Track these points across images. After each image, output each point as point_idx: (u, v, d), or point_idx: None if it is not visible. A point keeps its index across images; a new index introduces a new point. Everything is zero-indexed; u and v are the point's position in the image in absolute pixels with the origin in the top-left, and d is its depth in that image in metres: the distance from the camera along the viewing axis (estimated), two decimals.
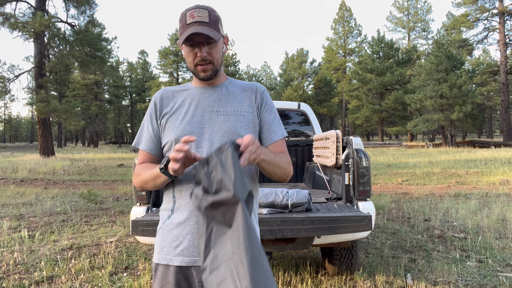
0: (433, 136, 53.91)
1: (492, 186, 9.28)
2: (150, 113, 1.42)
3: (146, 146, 1.40)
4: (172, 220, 1.33)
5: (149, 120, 1.42)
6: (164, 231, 1.35)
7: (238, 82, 1.48)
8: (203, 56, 1.31)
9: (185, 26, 1.30)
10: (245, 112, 1.39)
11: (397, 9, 51.17)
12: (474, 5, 35.45)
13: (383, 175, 12.00)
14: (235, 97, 1.41)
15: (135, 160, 3.01)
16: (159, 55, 47.16)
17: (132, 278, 3.46)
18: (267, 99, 1.46)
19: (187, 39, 1.28)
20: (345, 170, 3.08)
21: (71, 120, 22.20)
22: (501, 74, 33.98)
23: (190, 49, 1.32)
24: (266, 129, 1.43)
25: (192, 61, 1.33)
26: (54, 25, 21.04)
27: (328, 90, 46.89)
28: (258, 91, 1.45)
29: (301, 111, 5.17)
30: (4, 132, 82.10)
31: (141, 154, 1.42)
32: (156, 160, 1.40)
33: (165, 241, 1.33)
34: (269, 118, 1.44)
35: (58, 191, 9.46)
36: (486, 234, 4.87)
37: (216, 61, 1.35)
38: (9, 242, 4.69)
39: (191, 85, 1.44)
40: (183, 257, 1.30)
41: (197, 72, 1.35)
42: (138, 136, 1.43)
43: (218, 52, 1.35)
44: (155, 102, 1.42)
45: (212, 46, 1.32)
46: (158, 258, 1.34)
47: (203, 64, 1.33)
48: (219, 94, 1.40)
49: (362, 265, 3.75)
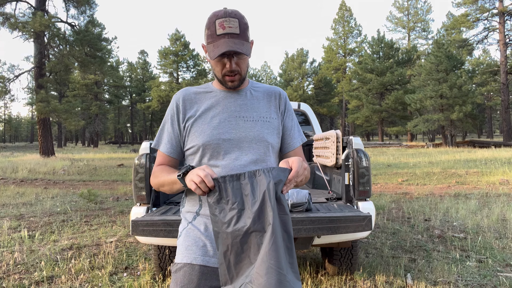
0: (433, 136, 53.93)
1: (492, 186, 9.28)
2: (172, 115, 1.40)
3: (166, 148, 1.40)
4: (198, 222, 1.34)
5: (170, 122, 1.40)
6: (189, 231, 1.34)
7: (260, 86, 1.49)
8: (233, 68, 1.30)
9: (215, 37, 1.28)
10: (270, 118, 1.40)
11: (397, 9, 51.20)
12: (474, 5, 35.47)
13: (383, 175, 11.99)
14: (259, 102, 1.41)
15: (135, 160, 3.01)
16: (159, 55, 47.18)
17: (132, 278, 3.46)
18: (289, 105, 1.48)
19: (221, 55, 1.27)
20: (345, 170, 3.08)
21: (71, 120, 22.20)
22: (501, 74, 33.98)
23: (219, 59, 1.31)
24: (287, 135, 1.45)
25: (220, 70, 1.33)
26: (54, 25, 21.04)
27: (328, 90, 46.91)
28: (281, 97, 1.47)
29: (301, 111, 5.17)
30: (4, 132, 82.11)
31: (160, 155, 1.42)
32: (174, 162, 1.41)
33: (189, 240, 1.32)
34: (291, 124, 1.47)
35: (58, 191, 9.46)
36: (486, 234, 4.87)
37: (243, 72, 1.35)
38: (9, 242, 4.69)
39: (213, 87, 1.43)
40: (209, 257, 1.29)
41: (224, 82, 1.35)
42: (158, 137, 1.42)
43: (245, 63, 1.35)
44: (177, 104, 1.40)
45: (241, 57, 1.31)
46: (181, 257, 1.31)
47: (231, 75, 1.33)
48: (243, 99, 1.40)
49: (362, 265, 3.75)
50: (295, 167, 1.15)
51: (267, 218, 1.05)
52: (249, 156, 1.33)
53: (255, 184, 1.09)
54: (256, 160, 1.34)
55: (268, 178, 1.08)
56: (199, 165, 1.34)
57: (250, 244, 1.07)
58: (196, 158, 1.36)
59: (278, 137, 1.42)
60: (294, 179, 1.14)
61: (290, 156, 1.45)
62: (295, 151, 1.46)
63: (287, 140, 1.45)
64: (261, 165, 1.34)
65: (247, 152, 1.32)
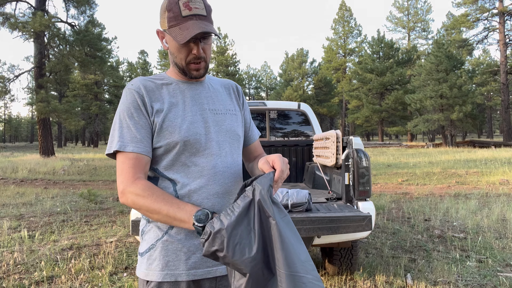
0: (433, 136, 53.90)
1: (492, 186, 9.28)
2: (135, 107, 1.16)
3: (138, 147, 1.14)
4: (176, 231, 1.15)
5: (134, 115, 1.15)
6: (167, 243, 1.15)
7: (214, 78, 1.39)
8: (200, 54, 1.17)
9: (181, 19, 1.13)
10: (235, 110, 1.34)
11: (397, 9, 51.17)
12: (474, 5, 35.46)
13: (383, 175, 11.99)
14: (221, 95, 1.32)
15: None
16: (159, 55, 47.21)
17: (132, 278, 3.46)
18: (244, 97, 1.42)
19: (189, 38, 1.13)
20: (345, 170, 3.08)
21: (71, 120, 22.19)
22: (501, 74, 33.98)
23: (185, 44, 1.16)
24: (247, 128, 1.41)
25: (184, 58, 1.18)
26: (54, 25, 21.04)
27: (328, 90, 46.91)
28: (238, 89, 1.41)
29: (301, 111, 5.17)
30: (4, 132, 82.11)
31: (131, 159, 1.12)
32: (148, 165, 1.16)
33: (170, 254, 1.15)
34: (249, 117, 1.43)
35: (58, 191, 9.46)
36: (486, 234, 4.87)
37: (208, 58, 1.22)
38: (9, 242, 4.69)
39: (170, 78, 1.26)
40: (196, 269, 1.16)
41: (188, 71, 1.20)
42: (120, 137, 1.14)
43: (210, 48, 1.22)
44: (139, 94, 1.17)
45: (207, 41, 1.19)
46: (161, 276, 1.14)
47: (197, 63, 1.19)
48: (207, 91, 1.29)
49: (362, 265, 3.75)
50: (278, 166, 1.07)
51: (269, 228, 1.03)
52: (226, 150, 1.25)
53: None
54: (234, 159, 1.27)
55: (258, 191, 1.01)
56: (175, 164, 1.18)
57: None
58: (169, 157, 1.17)
59: (243, 130, 1.37)
60: (281, 177, 1.08)
61: (251, 149, 1.42)
62: (256, 144, 1.43)
63: (248, 133, 1.41)
64: (238, 161, 1.29)
65: (224, 146, 1.24)
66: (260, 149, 1.45)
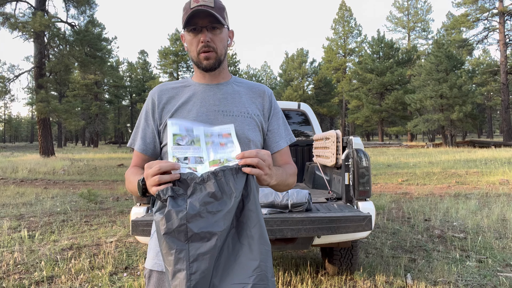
0: (433, 136, 53.88)
1: (492, 186, 9.28)
2: (147, 111, 1.31)
3: (139, 146, 1.31)
4: None
5: (144, 118, 1.32)
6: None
7: (245, 81, 1.39)
8: (206, 41, 1.22)
9: (189, 10, 1.21)
10: (253, 114, 1.30)
11: (397, 9, 51.18)
12: (474, 5, 35.47)
13: (383, 175, 11.99)
14: (241, 97, 1.32)
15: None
16: (159, 55, 47.19)
17: (132, 278, 3.46)
18: (275, 103, 1.38)
19: (189, 21, 1.21)
20: (345, 170, 3.08)
21: (71, 120, 22.20)
22: (501, 74, 33.98)
23: (193, 36, 1.23)
24: (273, 134, 1.36)
25: (195, 49, 1.24)
26: (54, 25, 21.04)
27: (328, 90, 46.93)
28: (266, 94, 1.36)
29: (301, 111, 5.17)
30: (4, 132, 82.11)
31: (135, 155, 1.33)
32: (146, 159, 1.31)
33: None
34: (277, 123, 1.37)
35: (58, 191, 9.46)
36: (486, 234, 4.87)
37: (219, 50, 1.26)
38: (9, 242, 4.69)
39: (192, 81, 1.34)
40: None
41: (200, 61, 1.25)
42: (133, 136, 1.34)
43: (222, 42, 1.26)
44: (152, 99, 1.31)
45: (216, 33, 1.24)
46: (152, 264, 1.24)
47: (206, 51, 1.23)
48: (224, 92, 1.31)
49: (362, 265, 3.75)
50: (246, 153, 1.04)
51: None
52: None
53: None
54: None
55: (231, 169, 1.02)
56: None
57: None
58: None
59: (261, 135, 1.32)
60: (247, 159, 1.03)
61: (275, 158, 1.34)
62: (281, 152, 1.35)
63: (274, 139, 1.35)
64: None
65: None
66: (286, 158, 1.37)
